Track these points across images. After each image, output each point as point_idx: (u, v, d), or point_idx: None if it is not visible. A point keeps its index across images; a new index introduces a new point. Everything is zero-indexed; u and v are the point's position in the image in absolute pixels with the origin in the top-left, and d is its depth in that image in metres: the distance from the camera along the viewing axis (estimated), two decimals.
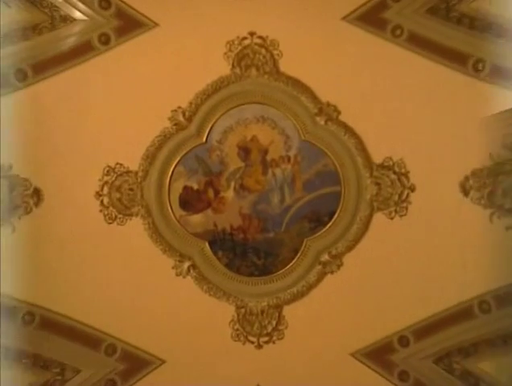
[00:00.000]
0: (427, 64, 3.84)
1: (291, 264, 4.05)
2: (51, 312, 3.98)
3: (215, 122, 3.97)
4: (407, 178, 3.95)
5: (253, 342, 4.05)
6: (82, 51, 3.87)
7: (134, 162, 4.00)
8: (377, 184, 3.97)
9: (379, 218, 3.98)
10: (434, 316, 3.95)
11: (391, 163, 3.96)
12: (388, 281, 3.98)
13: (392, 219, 3.97)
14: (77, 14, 3.81)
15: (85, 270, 4.01)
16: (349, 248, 4.01)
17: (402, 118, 3.91)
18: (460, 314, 3.91)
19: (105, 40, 3.86)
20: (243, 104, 3.96)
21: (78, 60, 3.88)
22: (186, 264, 4.03)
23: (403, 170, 3.95)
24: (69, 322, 4.00)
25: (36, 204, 3.93)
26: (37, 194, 3.93)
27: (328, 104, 3.94)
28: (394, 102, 3.90)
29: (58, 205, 3.95)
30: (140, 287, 4.03)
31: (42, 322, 3.97)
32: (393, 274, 3.98)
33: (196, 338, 4.02)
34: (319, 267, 4.03)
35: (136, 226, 4.00)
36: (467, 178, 3.88)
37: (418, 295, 3.96)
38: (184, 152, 4.00)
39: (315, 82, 3.91)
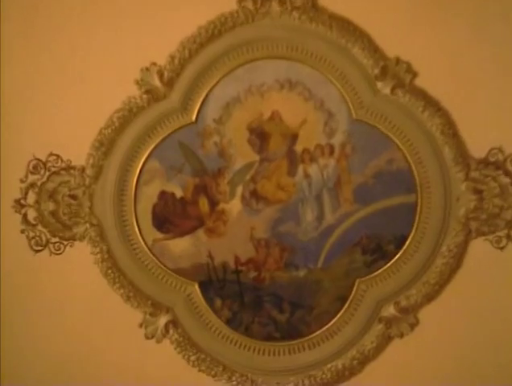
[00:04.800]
0: None
1: (333, 321, 3.10)
2: None
3: (211, 89, 3.05)
4: None
5: None
6: None
7: (78, 153, 3.12)
8: (478, 192, 2.98)
9: (480, 247, 3.01)
10: None
11: (501, 158, 2.97)
12: (492, 351, 3.00)
13: (502, 249, 2.99)
14: None
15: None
16: (429, 297, 3.06)
17: None
18: None
19: None
20: (257, 60, 3.03)
21: None
22: (162, 320, 3.17)
23: None
24: None
25: None
26: None
27: (398, 61, 2.95)
28: (505, 58, 2.87)
29: None
30: (87, 357, 3.20)
31: None
32: (501, 340, 2.98)
33: None
34: (379, 326, 3.08)
35: (81, 256, 3.16)
36: None
37: None
38: (161, 137, 3.10)
39: (375, 25, 2.94)
